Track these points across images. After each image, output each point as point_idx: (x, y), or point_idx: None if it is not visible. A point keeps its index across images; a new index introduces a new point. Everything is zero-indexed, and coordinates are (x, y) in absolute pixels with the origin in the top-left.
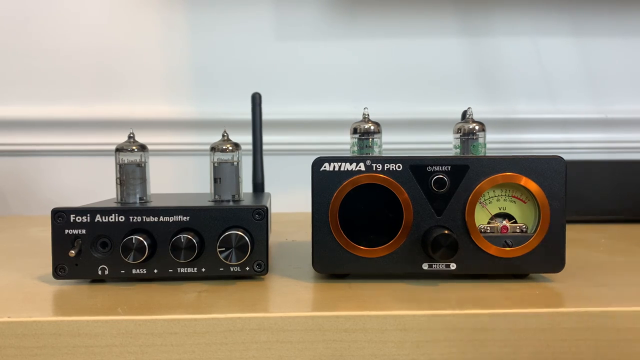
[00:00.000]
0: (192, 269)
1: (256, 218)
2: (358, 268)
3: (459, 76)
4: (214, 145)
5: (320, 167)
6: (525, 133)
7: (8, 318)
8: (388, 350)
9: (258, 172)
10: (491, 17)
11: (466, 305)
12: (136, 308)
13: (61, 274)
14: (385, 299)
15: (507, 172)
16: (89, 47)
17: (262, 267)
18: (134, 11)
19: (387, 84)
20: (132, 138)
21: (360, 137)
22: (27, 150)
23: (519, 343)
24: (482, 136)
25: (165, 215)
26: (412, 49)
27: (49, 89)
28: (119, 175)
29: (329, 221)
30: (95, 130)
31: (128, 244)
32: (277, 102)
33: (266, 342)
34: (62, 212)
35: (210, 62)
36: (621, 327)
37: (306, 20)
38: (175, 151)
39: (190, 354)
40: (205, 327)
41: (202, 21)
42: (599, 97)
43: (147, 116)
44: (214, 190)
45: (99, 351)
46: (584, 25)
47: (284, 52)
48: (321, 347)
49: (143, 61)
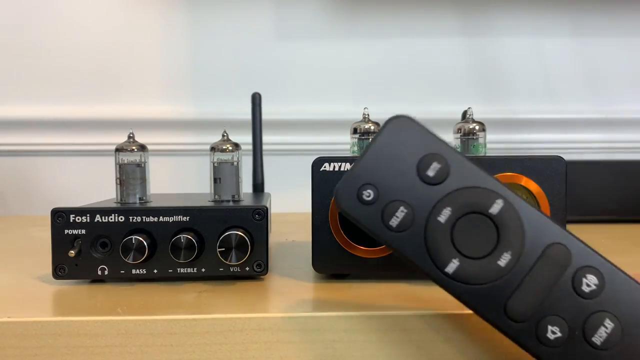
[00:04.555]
0: (192, 269)
1: (256, 218)
2: (358, 268)
3: (459, 76)
4: (214, 145)
5: (320, 167)
6: (525, 133)
7: (8, 318)
8: (388, 350)
9: (258, 172)
10: (491, 17)
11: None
12: (136, 308)
13: (61, 274)
14: (385, 299)
15: (507, 172)
16: (89, 47)
17: (262, 267)
18: (134, 11)
19: (387, 84)
20: (132, 138)
21: (360, 137)
22: (27, 150)
23: None
24: (482, 136)
25: (165, 215)
26: (412, 49)
27: (49, 89)
28: (119, 175)
29: (329, 221)
30: (95, 130)
31: (128, 244)
32: (277, 102)
33: (266, 342)
34: (62, 212)
35: (210, 61)
36: None
37: (307, 19)
38: (175, 151)
39: (190, 354)
40: (205, 327)
41: (202, 21)
42: (599, 97)
43: (147, 116)
44: (214, 190)
45: (99, 351)
46: (584, 25)
47: (285, 51)
48: (321, 347)
49: (143, 61)
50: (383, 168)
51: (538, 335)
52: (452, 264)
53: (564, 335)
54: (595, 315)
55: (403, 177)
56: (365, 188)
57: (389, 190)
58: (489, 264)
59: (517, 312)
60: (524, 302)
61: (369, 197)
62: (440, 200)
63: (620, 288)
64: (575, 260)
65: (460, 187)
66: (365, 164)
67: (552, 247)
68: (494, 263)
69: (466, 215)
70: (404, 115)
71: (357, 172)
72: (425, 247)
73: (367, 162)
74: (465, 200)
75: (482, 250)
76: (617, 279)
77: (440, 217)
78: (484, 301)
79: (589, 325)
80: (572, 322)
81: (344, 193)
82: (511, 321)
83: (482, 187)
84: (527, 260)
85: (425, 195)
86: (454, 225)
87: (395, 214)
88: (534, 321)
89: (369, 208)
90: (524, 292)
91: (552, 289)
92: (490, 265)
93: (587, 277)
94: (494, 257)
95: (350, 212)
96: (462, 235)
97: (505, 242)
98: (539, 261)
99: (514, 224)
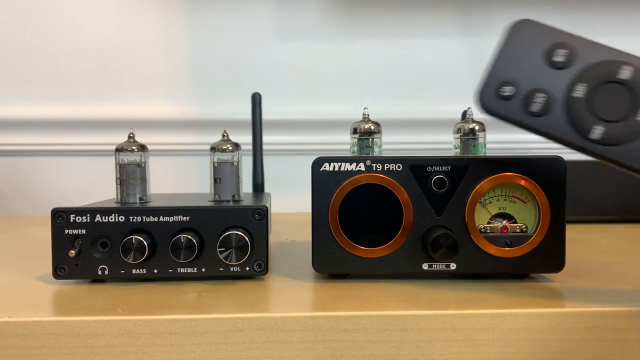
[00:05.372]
0: (192, 269)
1: (256, 218)
2: (358, 268)
3: (459, 76)
4: (214, 145)
5: (320, 167)
6: (525, 133)
7: (8, 318)
8: (388, 350)
9: (258, 172)
10: (491, 17)
11: (466, 305)
12: (136, 308)
13: (61, 274)
14: (385, 299)
15: (507, 172)
16: (89, 46)
17: (262, 267)
18: (134, 10)
19: (387, 84)
20: (132, 138)
21: (360, 137)
22: (27, 150)
23: (519, 343)
24: (482, 136)
25: (165, 215)
26: (412, 49)
27: (49, 89)
28: (119, 175)
29: (329, 221)
30: (95, 130)
31: (128, 244)
32: (277, 102)
33: (266, 342)
34: (62, 212)
35: (210, 61)
36: (621, 327)
37: (306, 19)
38: (175, 151)
39: (190, 354)
40: (205, 327)
41: (202, 20)
42: None
43: (147, 116)
44: (214, 190)
45: (99, 351)
46: (584, 26)
47: (284, 51)
48: (321, 347)
49: (143, 61)
50: (515, 65)
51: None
52: (596, 130)
53: None
54: None
55: (535, 69)
56: (504, 85)
57: (525, 82)
58: (630, 122)
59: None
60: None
61: (509, 93)
62: (573, 80)
63: None
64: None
65: (589, 63)
66: (498, 66)
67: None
68: (633, 119)
69: (599, 86)
70: (526, 19)
71: (493, 73)
72: (568, 122)
73: (500, 63)
74: (595, 73)
75: (620, 112)
76: None
77: (576, 93)
78: (629, 155)
79: None
80: None
81: (486, 95)
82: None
83: (607, 60)
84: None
85: (558, 79)
86: (590, 98)
87: (535, 101)
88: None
89: (510, 103)
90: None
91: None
92: (631, 123)
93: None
94: (632, 114)
95: (495, 110)
96: (599, 104)
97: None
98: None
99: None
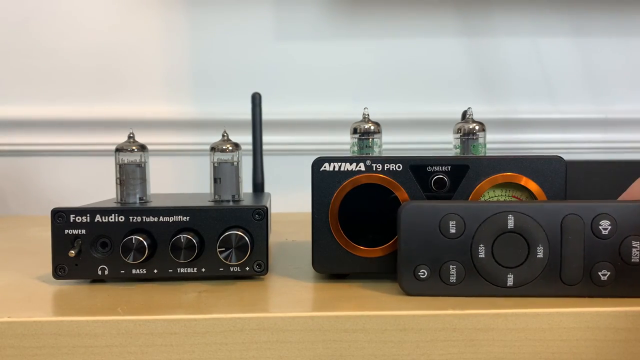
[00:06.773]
0: (192, 269)
1: (256, 218)
2: (358, 268)
3: (459, 76)
4: (214, 145)
5: (320, 167)
6: (525, 133)
7: (8, 318)
8: (388, 350)
9: (258, 172)
10: (491, 17)
11: (466, 306)
12: (136, 308)
13: (61, 274)
14: (385, 299)
15: (507, 172)
16: (89, 47)
17: (262, 267)
18: (134, 11)
19: (387, 84)
20: (132, 138)
21: (360, 137)
22: (27, 150)
23: (519, 343)
24: (482, 136)
25: (165, 215)
26: (412, 49)
27: (49, 89)
28: (119, 175)
29: (329, 221)
30: (95, 130)
31: (128, 244)
32: (277, 102)
33: (266, 342)
34: (62, 212)
35: (210, 61)
36: (621, 327)
37: (306, 20)
38: (175, 151)
39: (190, 354)
40: (205, 327)
41: (202, 21)
42: (599, 97)
43: (147, 116)
44: (214, 190)
45: (99, 351)
46: (584, 26)
47: (284, 51)
48: (321, 347)
49: (143, 61)
50: (419, 247)
51: (594, 282)
52: (509, 277)
53: (612, 273)
54: (626, 241)
55: (437, 244)
56: (417, 269)
57: (434, 259)
58: (533, 261)
59: (571, 277)
60: (572, 268)
61: (426, 274)
62: (472, 243)
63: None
64: (585, 217)
65: (479, 224)
66: (406, 252)
67: (565, 219)
68: (534, 258)
69: (496, 240)
70: (408, 202)
71: (404, 260)
72: (486, 280)
73: (407, 248)
74: (487, 232)
75: (522, 254)
76: (625, 210)
77: (480, 254)
78: (544, 287)
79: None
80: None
81: (406, 282)
82: (568, 285)
83: (492, 215)
84: (555, 239)
85: (461, 246)
86: (493, 253)
87: (451, 273)
88: (587, 275)
89: (430, 282)
90: (567, 262)
91: (584, 246)
92: (534, 262)
93: (600, 223)
94: (532, 255)
95: (421, 293)
96: (502, 255)
97: (532, 240)
98: (563, 234)
99: (530, 224)
